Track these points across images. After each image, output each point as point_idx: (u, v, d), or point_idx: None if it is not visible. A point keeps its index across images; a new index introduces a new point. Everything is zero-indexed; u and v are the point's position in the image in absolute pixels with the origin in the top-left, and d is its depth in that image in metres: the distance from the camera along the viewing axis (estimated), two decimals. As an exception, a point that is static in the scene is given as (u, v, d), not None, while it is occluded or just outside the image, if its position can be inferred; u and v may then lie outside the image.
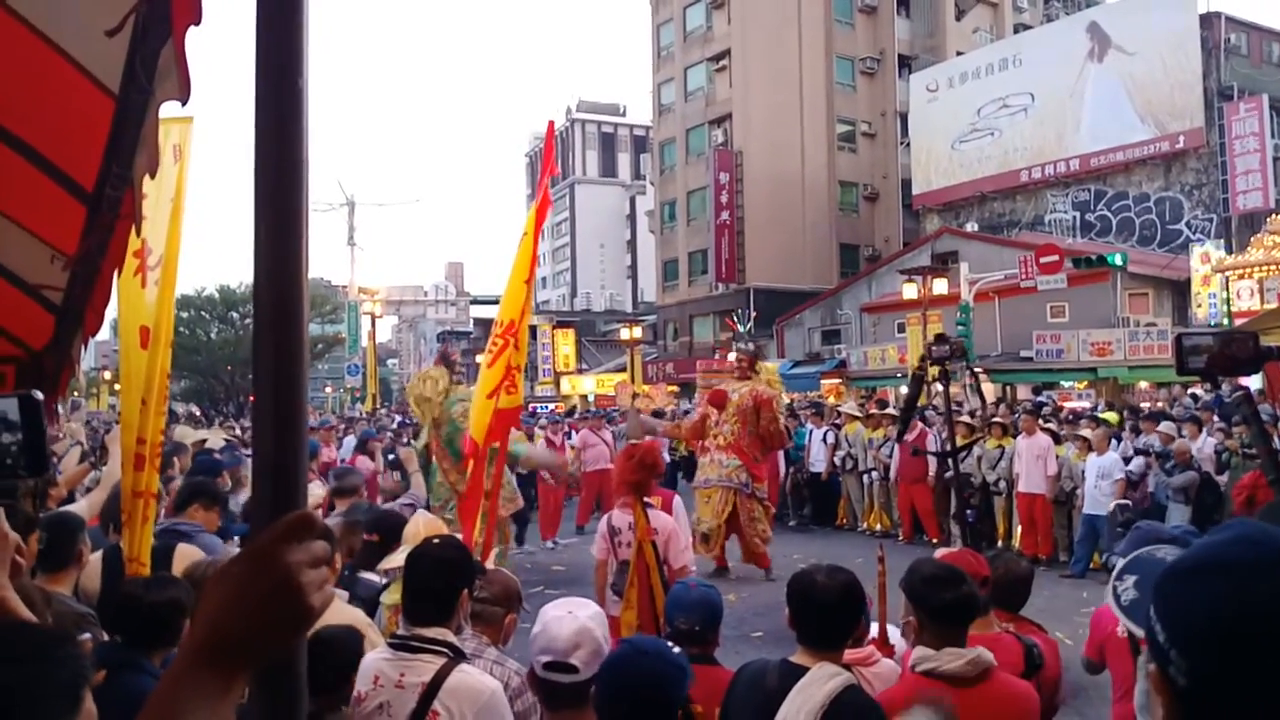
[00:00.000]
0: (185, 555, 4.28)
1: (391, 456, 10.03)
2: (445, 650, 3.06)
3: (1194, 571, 1.10)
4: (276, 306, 1.17)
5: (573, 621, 2.62)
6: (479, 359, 9.57)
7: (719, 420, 12.02)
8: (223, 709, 1.03)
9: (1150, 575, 1.42)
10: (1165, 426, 13.28)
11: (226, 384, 58.76)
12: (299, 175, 1.19)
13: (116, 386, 40.48)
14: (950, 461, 8.45)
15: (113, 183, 1.99)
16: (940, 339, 7.39)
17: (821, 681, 2.83)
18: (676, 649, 2.64)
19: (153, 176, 1.84)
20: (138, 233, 2.10)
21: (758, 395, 12.12)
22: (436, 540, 3.45)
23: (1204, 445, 12.48)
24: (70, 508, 5.21)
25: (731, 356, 15.09)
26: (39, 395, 1.51)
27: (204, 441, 11.48)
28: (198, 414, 44.93)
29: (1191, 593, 1.07)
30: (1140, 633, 1.27)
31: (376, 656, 3.17)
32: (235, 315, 59.65)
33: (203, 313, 56.53)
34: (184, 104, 1.68)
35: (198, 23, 1.53)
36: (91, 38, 1.76)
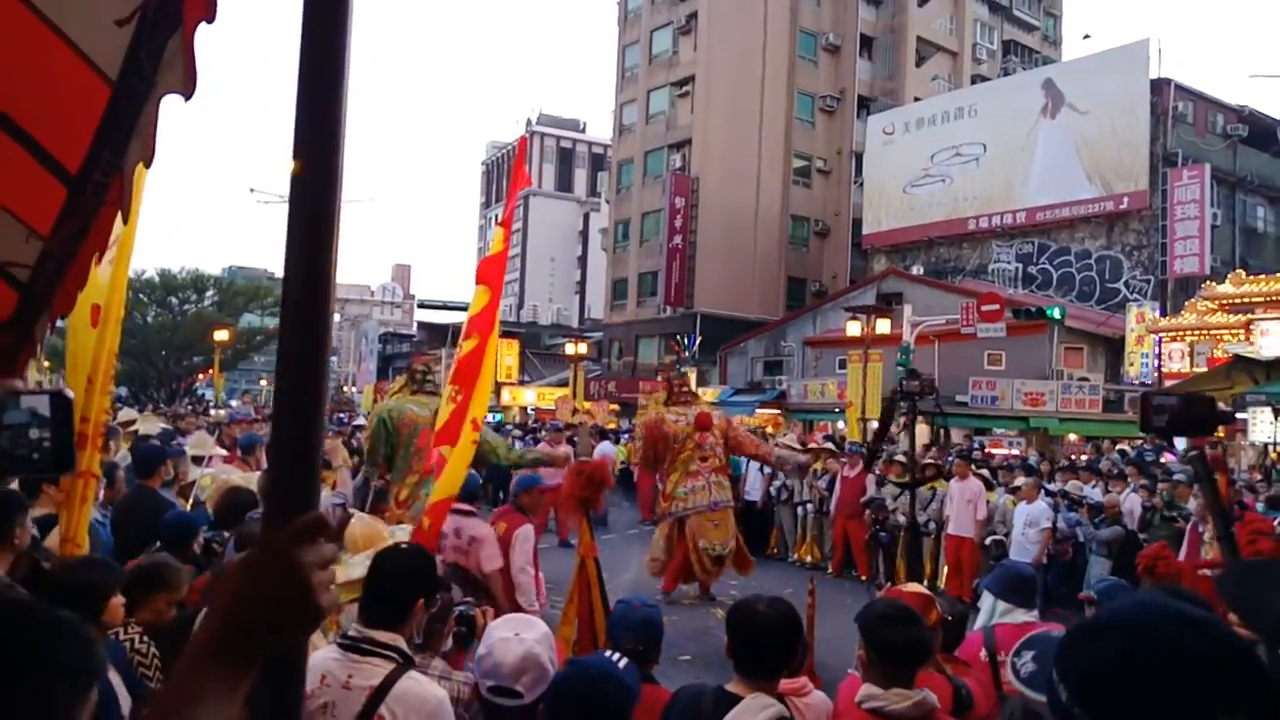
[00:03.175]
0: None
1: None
2: (395, 656, 3.04)
3: (1093, 632, 1.22)
4: (302, 308, 1.20)
5: (519, 646, 2.61)
6: (418, 367, 9.58)
7: (711, 444, 12.11)
8: (232, 701, 1.07)
9: (1047, 651, 1.54)
10: (1071, 485, 13.72)
11: (160, 369, 57.46)
12: (334, 180, 1.22)
13: (46, 363, 39.53)
14: (910, 494, 8.65)
15: (102, 168, 1.97)
16: (912, 374, 7.52)
17: (754, 712, 2.87)
18: (623, 661, 2.66)
19: (147, 166, 1.84)
20: (125, 221, 2.09)
21: (728, 419, 12.73)
22: (405, 546, 3.43)
23: (1127, 500, 12.78)
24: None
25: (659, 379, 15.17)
26: (70, 394, 1.51)
27: (134, 426, 11.23)
28: (124, 395, 43.98)
29: (1091, 651, 1.18)
30: (1041, 698, 1.38)
31: (324, 655, 3.13)
32: (174, 300, 58.34)
33: (140, 295, 55.10)
34: (187, 99, 1.67)
35: (210, 20, 1.52)
36: (96, 25, 1.75)
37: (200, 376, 57.75)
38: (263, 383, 75.35)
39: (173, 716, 1.05)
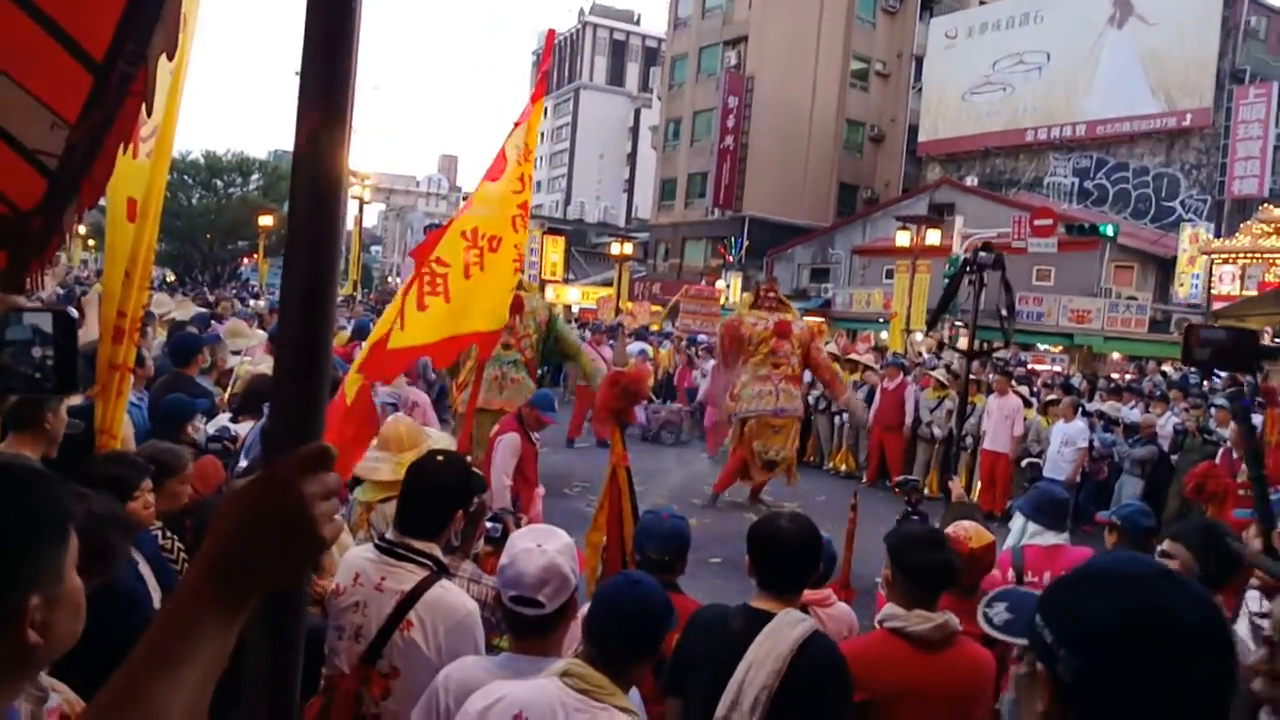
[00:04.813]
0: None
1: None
2: (429, 564, 3.11)
3: (1086, 580, 1.33)
4: (310, 246, 1.15)
5: (541, 557, 2.61)
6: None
7: (786, 352, 12.13)
8: (228, 634, 1.05)
9: (1018, 603, 1.64)
10: (1108, 406, 13.65)
11: (204, 252, 57.74)
12: (348, 62, 1.15)
13: (90, 241, 39.86)
14: (957, 417, 8.70)
15: (127, 58, 1.97)
16: (986, 247, 7.59)
17: (790, 626, 2.91)
18: None
19: (170, 58, 1.83)
20: (148, 113, 2.10)
21: (813, 329, 12.90)
22: (441, 458, 3.44)
23: (1166, 423, 12.70)
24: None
25: (720, 284, 14.96)
26: (74, 313, 1.50)
27: (170, 313, 11.34)
28: (170, 279, 44.43)
29: (1082, 599, 1.29)
30: (1018, 641, 1.47)
31: (360, 555, 3.21)
32: (219, 183, 58.32)
33: (185, 177, 54.98)
34: (205, -9, 1.67)
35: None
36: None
37: (245, 261, 58.10)
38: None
39: (168, 647, 1.02)
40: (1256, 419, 10.13)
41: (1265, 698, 1.33)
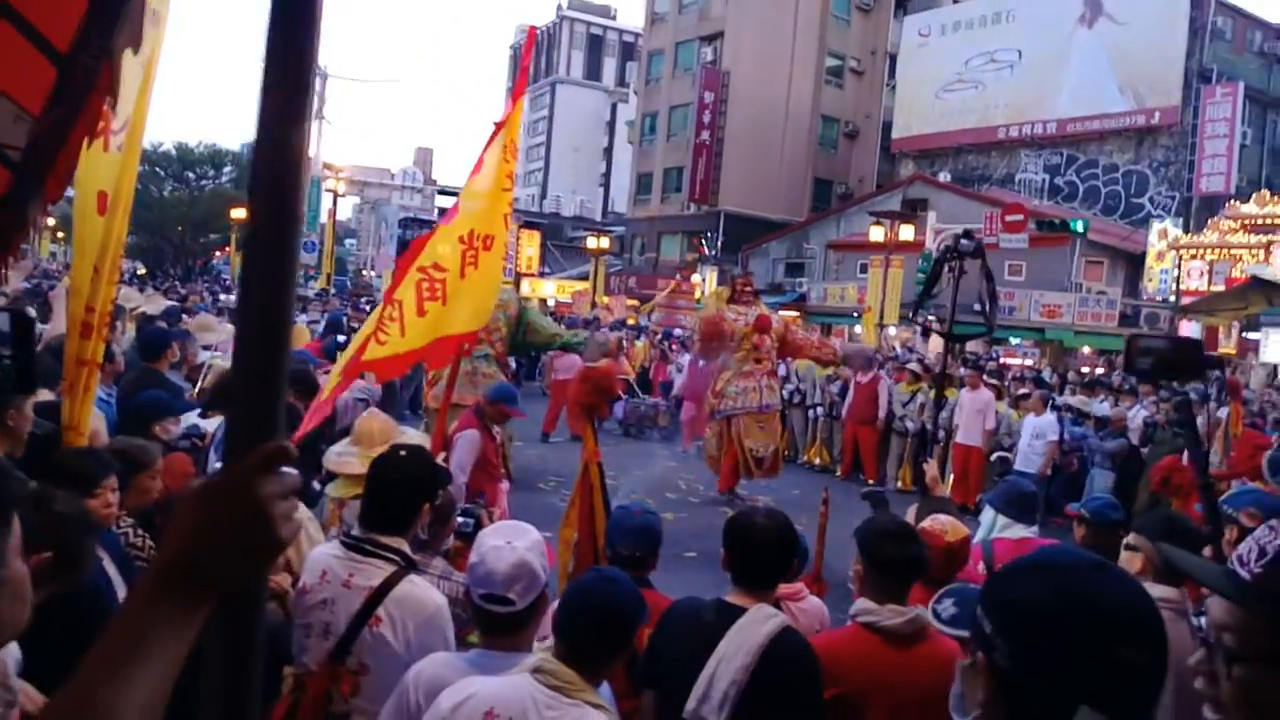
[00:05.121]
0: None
1: (345, 340, 9.68)
2: (397, 559, 3.10)
3: (1020, 573, 1.38)
4: (268, 233, 1.13)
5: (511, 554, 2.60)
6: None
7: (767, 347, 12.13)
8: (186, 635, 1.03)
9: (965, 599, 1.67)
10: (1078, 400, 13.77)
11: (176, 245, 57.16)
12: (309, 57, 1.15)
13: (60, 234, 39.29)
14: (929, 411, 8.72)
15: (92, 51, 1.95)
16: (967, 234, 7.68)
17: (760, 622, 2.90)
18: None
19: (135, 52, 1.82)
20: (113, 108, 2.07)
21: (785, 320, 13.12)
22: (404, 452, 3.43)
23: (1136, 416, 12.83)
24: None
25: (695, 279, 15.03)
26: (32, 313, 1.48)
27: (139, 307, 11.21)
28: (141, 272, 43.90)
29: (1017, 589, 1.34)
30: (963, 634, 1.51)
31: (326, 552, 3.20)
32: (191, 175, 57.67)
33: (157, 169, 54.20)
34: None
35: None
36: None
37: (217, 254, 57.44)
38: (283, 263, 75.19)
39: (124, 647, 1.00)
40: (1223, 412, 10.29)
41: (1206, 696, 1.37)
